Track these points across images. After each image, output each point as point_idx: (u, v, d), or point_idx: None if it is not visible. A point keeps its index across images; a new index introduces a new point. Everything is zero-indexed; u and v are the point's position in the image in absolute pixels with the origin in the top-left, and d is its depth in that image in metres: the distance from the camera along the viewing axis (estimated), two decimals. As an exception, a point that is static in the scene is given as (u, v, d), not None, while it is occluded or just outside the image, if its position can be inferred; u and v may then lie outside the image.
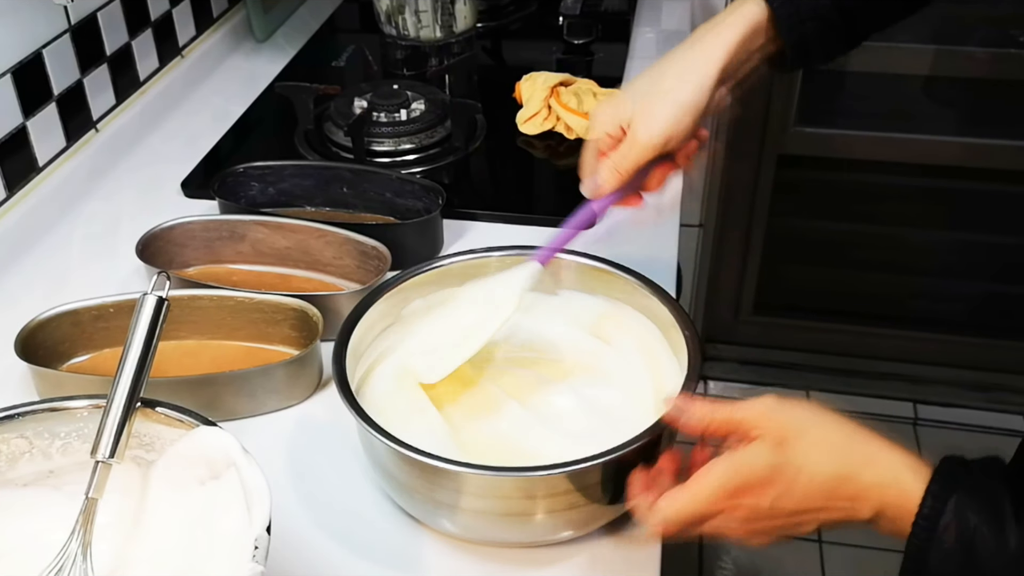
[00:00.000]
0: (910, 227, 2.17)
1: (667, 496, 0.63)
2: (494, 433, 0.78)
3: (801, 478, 0.60)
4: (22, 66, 1.05)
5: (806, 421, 0.62)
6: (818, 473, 0.60)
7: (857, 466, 0.60)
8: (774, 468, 0.61)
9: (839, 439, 0.62)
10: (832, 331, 2.23)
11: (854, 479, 0.60)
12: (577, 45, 1.48)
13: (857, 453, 0.61)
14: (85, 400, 0.67)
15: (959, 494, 0.56)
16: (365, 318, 0.80)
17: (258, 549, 0.56)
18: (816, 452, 0.61)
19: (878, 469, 0.60)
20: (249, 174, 1.08)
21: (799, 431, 0.62)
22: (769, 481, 0.61)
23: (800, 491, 0.61)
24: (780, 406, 0.63)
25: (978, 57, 1.92)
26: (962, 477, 0.58)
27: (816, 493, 0.61)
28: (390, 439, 0.68)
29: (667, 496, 0.63)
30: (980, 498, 0.56)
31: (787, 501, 0.61)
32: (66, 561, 0.62)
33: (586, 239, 0.84)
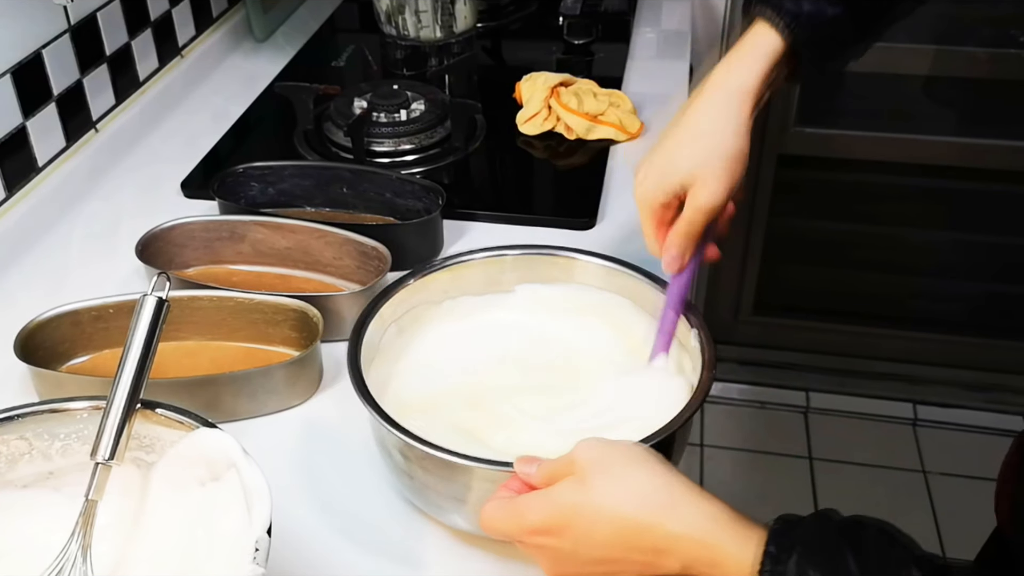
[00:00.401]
0: (910, 227, 2.17)
1: (491, 503, 0.63)
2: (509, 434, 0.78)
3: (600, 522, 0.58)
4: (21, 66, 1.05)
5: (613, 461, 0.60)
6: (616, 519, 0.58)
7: (657, 516, 0.57)
8: (573, 508, 0.59)
9: (642, 485, 0.59)
10: (832, 331, 2.23)
11: (653, 529, 0.57)
12: (577, 45, 1.48)
13: (662, 500, 0.58)
14: (85, 401, 0.67)
15: (798, 551, 0.53)
16: (379, 315, 0.80)
17: (258, 551, 0.56)
18: (617, 493, 0.58)
19: (686, 521, 0.57)
20: (249, 174, 1.08)
21: (602, 470, 0.59)
22: (568, 522, 0.59)
23: (599, 538, 0.58)
24: (595, 444, 0.61)
25: (978, 57, 1.92)
26: (799, 535, 0.55)
27: (616, 542, 0.58)
28: (408, 435, 0.68)
29: (491, 503, 0.63)
30: (820, 553, 0.53)
31: (587, 549, 0.59)
32: (66, 563, 0.62)
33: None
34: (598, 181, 1.15)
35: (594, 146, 1.22)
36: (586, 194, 1.13)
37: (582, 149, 1.23)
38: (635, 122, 1.24)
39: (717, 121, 0.78)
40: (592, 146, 1.23)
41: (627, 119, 1.23)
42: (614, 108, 1.24)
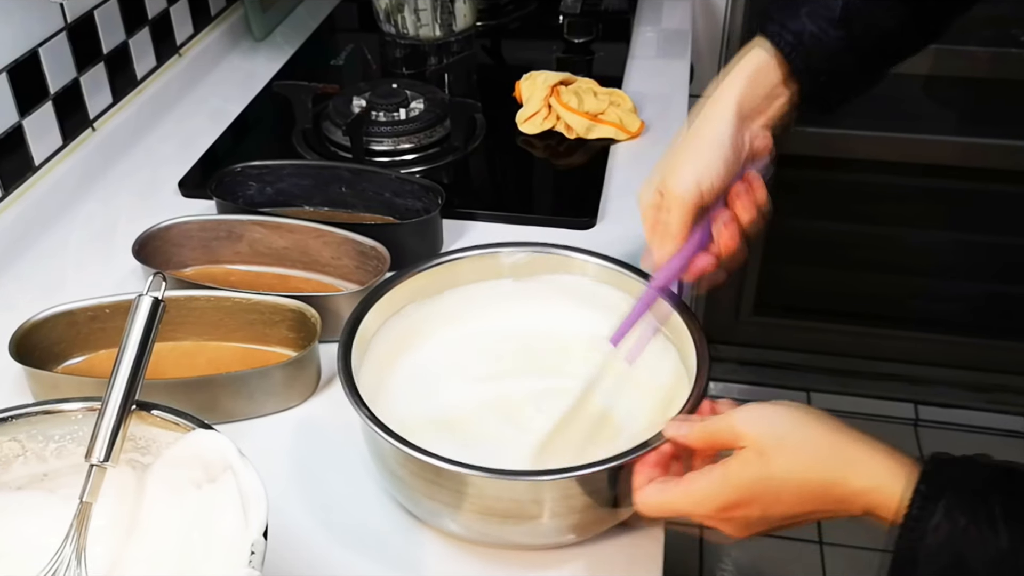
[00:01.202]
0: (910, 227, 2.17)
1: (658, 487, 0.65)
2: (502, 437, 0.78)
3: (786, 489, 0.61)
4: (17, 64, 1.04)
5: (787, 428, 0.62)
6: (804, 482, 0.61)
7: (841, 472, 0.60)
8: (758, 482, 0.61)
9: (820, 445, 0.61)
10: (832, 332, 2.23)
11: (839, 484, 0.60)
12: (577, 44, 1.48)
13: (840, 458, 0.60)
14: (79, 403, 0.66)
15: (948, 494, 0.56)
16: (368, 316, 0.80)
17: (254, 554, 0.55)
18: (798, 461, 0.61)
19: (864, 473, 0.59)
20: (247, 174, 1.07)
21: (778, 440, 0.62)
22: (756, 496, 0.61)
23: (787, 500, 0.61)
24: (760, 414, 0.63)
25: (978, 56, 1.91)
26: (950, 477, 0.57)
27: (805, 499, 0.61)
28: (399, 440, 0.68)
29: (658, 487, 0.65)
30: (969, 499, 0.56)
31: (777, 509, 0.62)
32: (60, 565, 0.61)
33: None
34: (598, 180, 1.15)
35: (594, 145, 1.22)
36: (586, 194, 1.12)
37: (582, 148, 1.22)
38: (635, 121, 1.23)
39: (699, 120, 0.79)
40: (592, 145, 1.22)
41: (627, 118, 1.23)
42: (614, 107, 1.23)
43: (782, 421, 0.63)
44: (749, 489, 0.62)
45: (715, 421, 0.65)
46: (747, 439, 0.62)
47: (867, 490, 0.59)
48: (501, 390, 0.82)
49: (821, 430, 0.62)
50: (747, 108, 0.78)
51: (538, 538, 0.72)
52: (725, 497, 0.62)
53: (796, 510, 0.61)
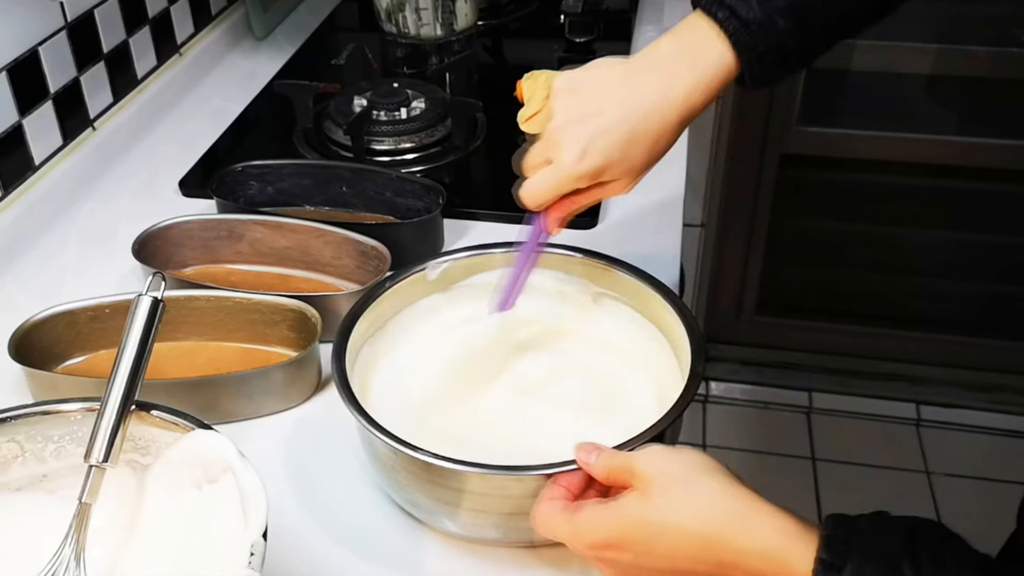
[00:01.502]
0: (912, 227, 2.17)
1: (550, 506, 0.63)
2: (496, 434, 0.77)
3: (663, 537, 0.57)
4: (17, 64, 1.04)
5: (677, 474, 0.59)
6: (680, 534, 0.57)
7: (723, 531, 0.56)
8: (634, 523, 0.59)
9: (707, 498, 0.58)
10: (834, 331, 2.23)
11: (720, 544, 0.56)
12: (579, 43, 1.47)
13: (726, 514, 0.57)
14: (78, 403, 0.66)
15: (852, 560, 0.52)
16: (364, 317, 0.79)
17: (254, 555, 0.55)
18: (679, 511, 0.58)
19: (748, 536, 0.56)
20: (248, 173, 1.07)
21: (665, 484, 0.59)
22: (628, 538, 0.59)
23: (662, 551, 0.58)
24: (658, 455, 0.61)
25: (980, 56, 1.91)
26: (854, 540, 0.53)
27: (679, 554, 0.57)
28: (393, 439, 0.68)
29: (550, 506, 0.63)
30: (875, 564, 0.52)
31: (649, 560, 0.59)
32: (59, 566, 0.61)
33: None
34: (599, 180, 1.14)
35: (595, 145, 1.21)
36: (587, 193, 1.11)
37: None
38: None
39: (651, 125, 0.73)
40: (593, 145, 1.21)
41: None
42: (616, 106, 1.23)
43: (676, 467, 0.60)
44: (625, 528, 0.59)
45: (619, 456, 0.63)
46: (637, 478, 0.60)
47: (752, 554, 0.55)
48: (502, 388, 0.82)
49: (712, 484, 0.58)
50: (687, 118, 0.73)
51: (535, 535, 0.72)
52: (601, 534, 0.59)
53: (671, 565, 0.58)
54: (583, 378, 0.82)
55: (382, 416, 0.70)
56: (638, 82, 0.74)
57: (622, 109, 0.72)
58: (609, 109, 0.73)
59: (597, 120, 0.73)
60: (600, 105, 0.74)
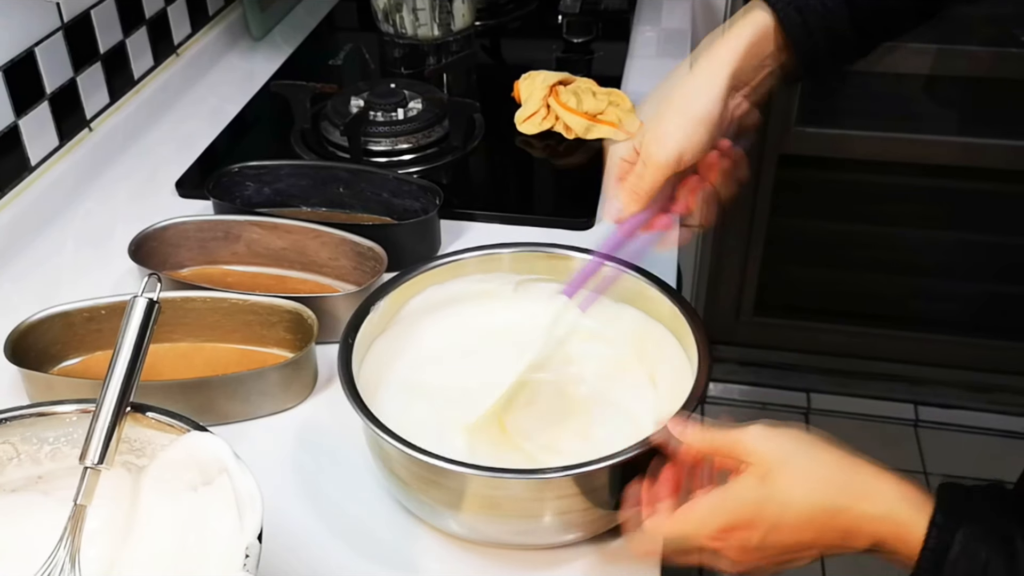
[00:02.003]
0: (911, 227, 2.17)
1: (657, 519, 0.63)
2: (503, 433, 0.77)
3: (788, 513, 0.59)
4: (13, 64, 1.04)
5: (793, 451, 0.61)
6: (806, 507, 0.59)
7: (847, 499, 0.58)
8: (760, 504, 0.60)
9: (827, 470, 0.60)
10: (833, 332, 2.23)
11: (845, 512, 0.58)
12: (576, 44, 1.47)
13: (847, 485, 0.59)
14: (73, 404, 0.66)
15: (966, 526, 0.54)
16: (369, 318, 0.79)
17: (249, 557, 0.55)
18: (802, 485, 0.59)
19: (871, 501, 0.58)
20: (244, 174, 1.07)
21: (783, 462, 0.60)
22: (756, 518, 0.60)
23: (788, 526, 0.59)
24: (768, 434, 0.62)
25: (980, 56, 1.91)
26: (966, 507, 0.56)
27: (806, 527, 0.59)
28: (399, 440, 0.67)
29: (657, 519, 0.63)
30: (987, 529, 0.54)
31: (776, 536, 0.60)
32: (54, 568, 0.61)
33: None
34: (597, 181, 1.14)
35: (593, 145, 1.21)
36: (585, 194, 1.11)
37: (581, 148, 1.22)
38: (634, 121, 1.22)
39: (690, 84, 0.77)
40: (591, 145, 1.21)
41: (626, 118, 1.22)
42: (613, 107, 1.23)
43: (790, 444, 0.61)
44: (750, 509, 0.60)
45: (721, 431, 0.64)
46: (753, 456, 0.61)
47: (875, 518, 0.57)
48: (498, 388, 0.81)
49: (828, 456, 0.60)
50: (739, 79, 0.77)
51: (538, 538, 0.72)
52: (725, 516, 0.60)
53: (798, 538, 0.60)
54: (590, 378, 0.82)
55: (388, 415, 0.71)
56: (695, 68, 0.78)
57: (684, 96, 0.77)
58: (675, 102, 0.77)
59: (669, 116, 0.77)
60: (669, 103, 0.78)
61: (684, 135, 0.76)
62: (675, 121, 0.76)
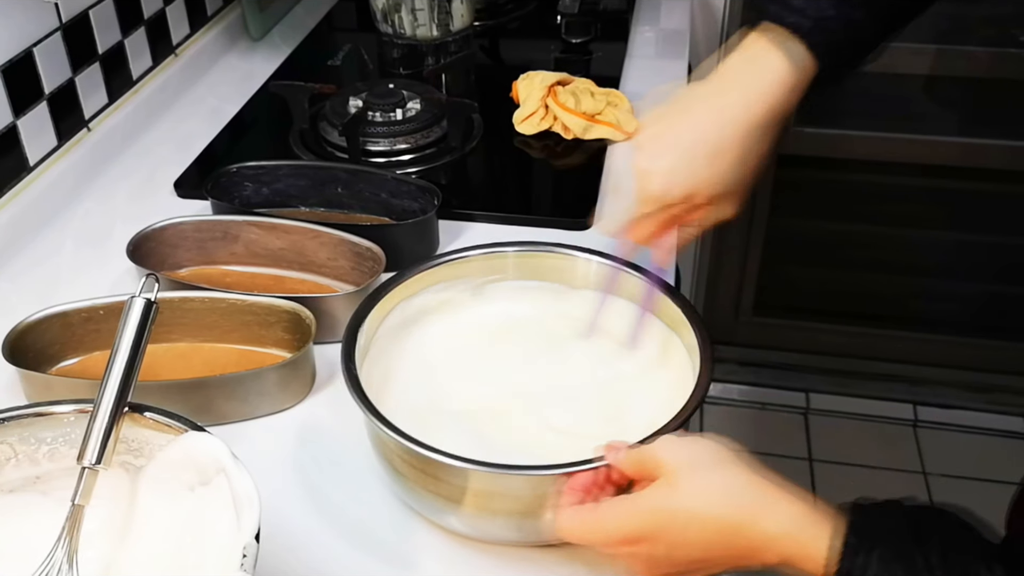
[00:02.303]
0: (911, 227, 2.17)
1: (573, 512, 0.63)
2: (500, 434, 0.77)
3: (692, 526, 0.59)
4: (12, 64, 1.04)
5: (703, 462, 0.61)
6: (711, 519, 0.59)
7: (749, 516, 0.58)
8: (663, 513, 0.60)
9: (734, 484, 0.59)
10: (832, 332, 2.23)
11: (749, 527, 0.58)
12: (575, 44, 1.47)
13: (753, 500, 0.59)
14: (71, 405, 0.66)
15: (880, 546, 0.54)
16: (371, 315, 0.79)
17: (246, 557, 0.55)
18: (707, 496, 0.59)
19: (778, 517, 0.58)
20: (243, 174, 1.07)
21: (692, 472, 0.60)
22: (659, 529, 0.59)
23: (693, 539, 0.59)
24: (676, 443, 0.62)
25: (979, 57, 1.91)
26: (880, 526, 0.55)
27: (712, 540, 0.59)
28: (401, 435, 0.68)
29: (573, 512, 0.63)
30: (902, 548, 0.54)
31: (683, 552, 0.60)
32: (52, 569, 0.61)
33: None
34: (596, 181, 1.14)
35: (591, 146, 1.21)
36: (583, 194, 1.11)
37: (579, 149, 1.22)
38: (632, 121, 1.22)
39: (699, 114, 0.76)
40: (589, 146, 1.21)
41: (625, 118, 1.22)
42: (612, 107, 1.23)
43: (701, 455, 0.61)
44: (654, 520, 0.60)
45: (644, 449, 0.63)
46: (662, 468, 0.61)
47: (780, 536, 0.57)
48: (503, 386, 0.81)
49: (738, 470, 0.60)
50: (769, 125, 0.77)
51: (539, 535, 0.72)
52: (631, 527, 0.60)
53: (704, 553, 0.59)
54: (591, 376, 0.82)
55: (389, 412, 0.71)
56: (714, 100, 0.76)
57: (699, 128, 0.75)
58: (687, 133, 0.75)
59: (677, 144, 0.76)
60: (680, 130, 0.76)
61: (687, 173, 0.75)
62: (678, 154, 0.75)
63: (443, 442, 0.68)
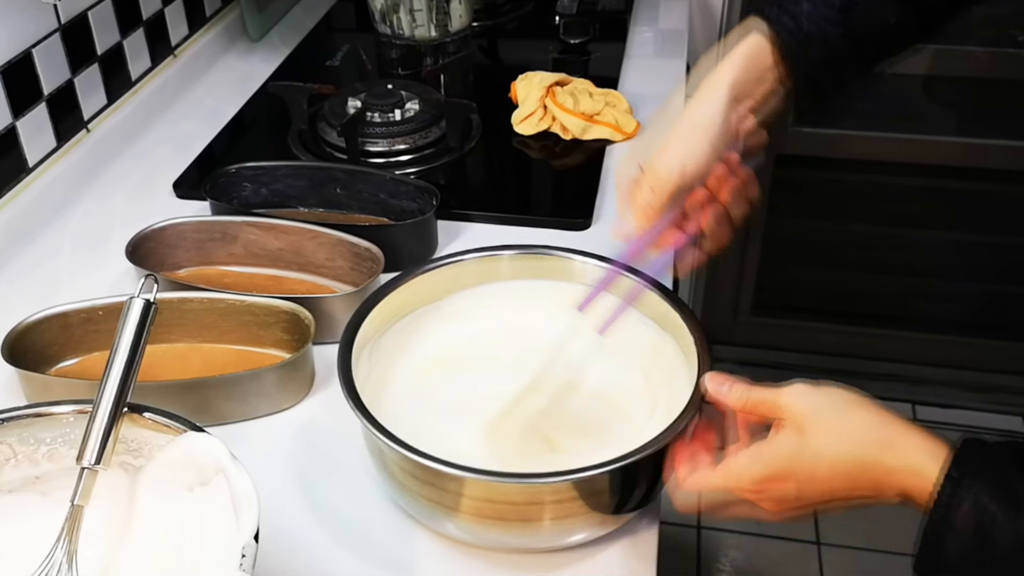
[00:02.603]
0: (909, 227, 2.17)
1: (697, 476, 0.66)
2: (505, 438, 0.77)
3: (822, 466, 0.61)
4: (11, 66, 1.04)
5: (827, 406, 0.63)
6: (838, 460, 0.61)
7: (876, 452, 0.60)
8: (794, 456, 0.62)
9: (857, 426, 0.62)
10: (830, 332, 2.22)
11: (873, 465, 0.60)
12: (573, 44, 1.47)
13: (876, 439, 0.61)
14: (70, 405, 0.66)
15: (977, 480, 0.56)
16: (368, 318, 0.79)
17: (245, 557, 0.55)
18: (834, 440, 0.61)
19: (898, 454, 0.60)
20: (242, 175, 1.07)
21: (818, 418, 0.62)
22: (792, 470, 0.62)
23: (822, 478, 0.62)
24: (804, 392, 0.64)
25: (978, 56, 1.91)
26: (981, 461, 0.58)
27: (839, 479, 0.61)
28: (399, 443, 0.67)
29: (697, 476, 0.66)
30: (997, 484, 0.56)
31: (811, 487, 0.62)
32: (51, 569, 0.61)
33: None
34: (594, 181, 1.14)
35: (590, 146, 1.22)
36: (582, 194, 1.12)
37: (578, 149, 1.22)
38: (631, 122, 1.23)
39: (693, 106, 0.79)
40: (588, 146, 1.22)
41: (623, 119, 1.22)
42: (610, 108, 1.23)
43: (824, 400, 0.64)
44: (786, 462, 0.62)
45: (759, 391, 0.67)
46: (787, 412, 0.63)
47: (903, 471, 0.59)
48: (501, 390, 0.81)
49: (861, 411, 0.63)
50: (739, 91, 0.79)
51: (537, 542, 0.72)
52: (761, 468, 0.63)
53: (831, 488, 0.62)
54: (589, 379, 0.82)
55: (386, 416, 0.71)
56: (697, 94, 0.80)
57: (685, 112, 0.79)
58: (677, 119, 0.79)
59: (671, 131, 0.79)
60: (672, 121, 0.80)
61: (684, 146, 0.77)
62: (676, 133, 0.78)
63: (439, 447, 0.68)
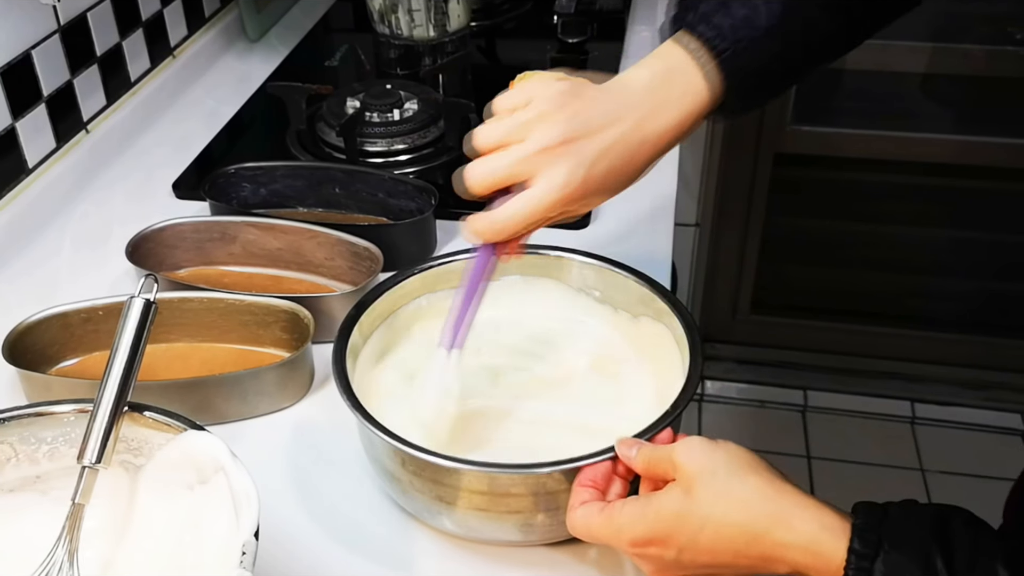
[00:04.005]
0: (907, 225, 2.17)
1: (585, 512, 0.63)
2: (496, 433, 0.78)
3: (705, 532, 0.58)
4: (10, 67, 1.04)
5: (721, 467, 0.60)
6: (724, 527, 0.58)
7: (768, 525, 0.57)
8: (676, 517, 0.59)
9: (749, 493, 0.58)
10: (830, 330, 2.23)
11: (763, 538, 0.57)
12: (571, 44, 1.47)
13: (767, 511, 0.58)
14: (71, 404, 0.66)
15: (883, 553, 0.53)
16: (364, 317, 0.80)
17: (245, 555, 0.55)
18: (723, 503, 0.58)
19: (790, 529, 0.56)
20: (241, 175, 1.07)
21: (709, 478, 0.59)
22: (673, 534, 0.59)
23: (704, 546, 0.58)
24: (697, 448, 0.61)
25: (975, 54, 1.92)
26: (884, 532, 0.54)
27: (723, 549, 0.58)
28: (393, 437, 0.68)
29: (585, 512, 0.63)
30: (907, 554, 0.53)
31: (692, 556, 0.59)
32: (52, 567, 0.61)
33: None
34: (592, 180, 1.14)
35: (588, 145, 1.21)
36: (580, 193, 1.12)
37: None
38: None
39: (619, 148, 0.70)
40: (586, 145, 1.22)
41: (621, 118, 1.22)
42: (608, 107, 1.23)
43: (719, 460, 0.60)
44: (667, 524, 0.59)
45: (659, 449, 0.63)
46: (679, 471, 0.60)
47: (793, 547, 0.56)
48: (497, 386, 0.82)
49: (755, 478, 0.59)
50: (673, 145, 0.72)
51: (533, 535, 0.72)
52: (643, 529, 0.60)
53: (712, 559, 0.59)
54: (583, 377, 0.82)
55: (381, 413, 0.71)
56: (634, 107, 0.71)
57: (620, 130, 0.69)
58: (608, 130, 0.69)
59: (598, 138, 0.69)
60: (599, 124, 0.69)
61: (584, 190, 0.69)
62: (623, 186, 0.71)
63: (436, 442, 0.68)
